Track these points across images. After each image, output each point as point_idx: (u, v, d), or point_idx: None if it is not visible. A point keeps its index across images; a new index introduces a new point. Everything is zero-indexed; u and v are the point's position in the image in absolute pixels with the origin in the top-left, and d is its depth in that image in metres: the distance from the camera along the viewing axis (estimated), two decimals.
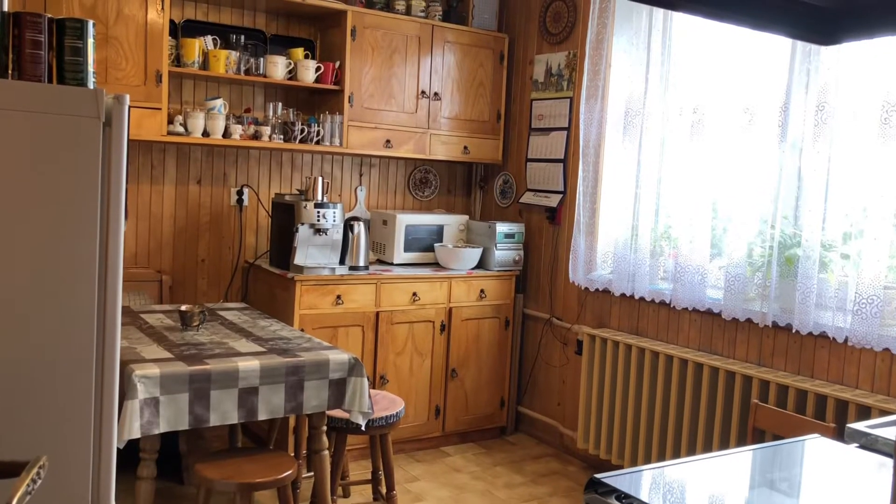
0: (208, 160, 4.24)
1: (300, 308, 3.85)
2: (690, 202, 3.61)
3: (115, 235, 1.71)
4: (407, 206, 4.89)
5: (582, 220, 4.12)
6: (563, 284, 4.37)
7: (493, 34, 4.64)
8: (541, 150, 4.53)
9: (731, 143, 3.44)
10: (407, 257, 4.46)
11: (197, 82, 4.13)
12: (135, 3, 3.61)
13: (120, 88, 3.60)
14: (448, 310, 4.31)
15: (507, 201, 4.83)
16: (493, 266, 4.45)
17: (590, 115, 4.07)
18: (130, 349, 2.78)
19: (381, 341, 4.10)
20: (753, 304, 3.40)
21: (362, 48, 4.20)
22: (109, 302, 1.72)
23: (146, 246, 4.10)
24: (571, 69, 4.33)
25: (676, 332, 3.76)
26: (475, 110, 4.64)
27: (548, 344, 4.51)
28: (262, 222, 4.41)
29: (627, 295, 3.92)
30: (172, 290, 4.14)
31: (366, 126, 4.26)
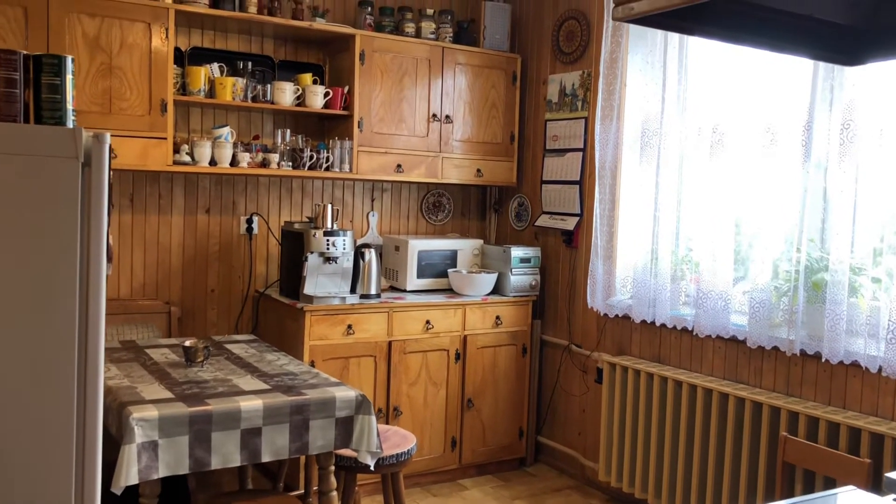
0: (217, 188, 4.17)
1: (310, 339, 3.76)
2: (711, 225, 3.48)
3: (95, 280, 1.62)
4: (420, 231, 4.79)
5: (599, 243, 3.99)
6: (582, 310, 4.24)
7: (505, 55, 4.54)
8: (556, 171, 4.42)
9: (753, 164, 3.31)
10: (420, 283, 4.35)
11: (204, 110, 4.07)
12: (139, 32, 3.56)
13: (124, 119, 3.55)
14: (463, 337, 4.19)
15: (522, 224, 4.71)
16: (508, 292, 4.33)
17: (605, 135, 3.96)
18: (131, 389, 2.69)
19: (394, 371, 3.99)
20: (780, 330, 3.25)
21: (371, 72, 4.13)
22: (91, 350, 1.63)
23: (154, 277, 4.04)
24: (586, 89, 4.22)
25: (700, 360, 3.61)
26: (488, 132, 4.54)
27: (567, 371, 4.37)
28: (272, 250, 4.33)
29: (648, 321, 3.78)
30: (181, 322, 4.06)
31: (376, 151, 4.18)
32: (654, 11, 1.21)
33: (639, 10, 1.22)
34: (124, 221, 3.95)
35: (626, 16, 1.24)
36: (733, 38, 1.42)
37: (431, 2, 4.65)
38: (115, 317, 3.86)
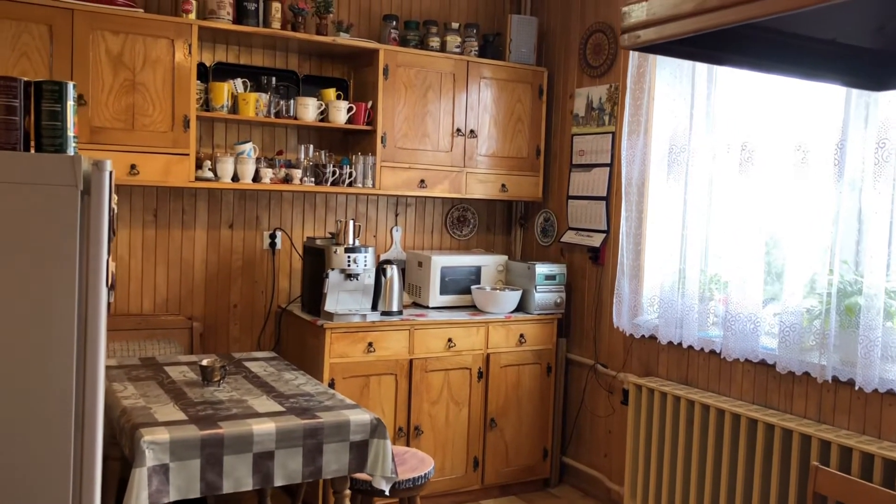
0: (240, 203, 4.16)
1: (330, 357, 3.72)
2: (741, 245, 3.37)
3: (94, 309, 1.59)
4: (444, 246, 4.74)
5: (626, 261, 3.90)
6: (608, 329, 4.15)
7: (531, 68, 4.48)
8: (582, 187, 4.34)
9: (784, 183, 3.21)
10: (443, 300, 4.29)
11: (228, 125, 4.07)
12: (162, 48, 3.57)
13: (147, 135, 3.55)
14: (486, 356, 4.12)
15: (548, 240, 4.64)
16: (533, 309, 4.25)
17: (632, 151, 3.87)
18: (145, 410, 2.67)
19: (416, 390, 3.93)
20: (811, 354, 3.13)
21: (395, 87, 4.09)
22: (90, 379, 1.60)
23: (177, 292, 4.04)
24: (613, 103, 4.14)
25: (728, 383, 3.50)
26: (513, 147, 4.48)
27: (592, 391, 4.28)
28: (295, 265, 4.31)
29: (675, 343, 3.68)
30: (203, 338, 4.06)
31: (399, 166, 4.14)
32: (662, 40, 1.15)
33: (645, 39, 1.16)
34: (147, 236, 3.96)
35: (632, 44, 1.18)
36: (753, 65, 1.35)
37: (457, 15, 4.61)
38: (138, 332, 3.87)
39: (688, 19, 1.09)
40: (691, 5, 1.09)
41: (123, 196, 3.89)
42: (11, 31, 3.29)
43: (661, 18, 1.13)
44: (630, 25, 1.18)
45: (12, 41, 3.29)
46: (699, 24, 1.08)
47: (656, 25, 1.14)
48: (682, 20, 1.10)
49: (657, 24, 1.14)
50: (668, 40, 1.14)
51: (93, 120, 3.45)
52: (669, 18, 1.12)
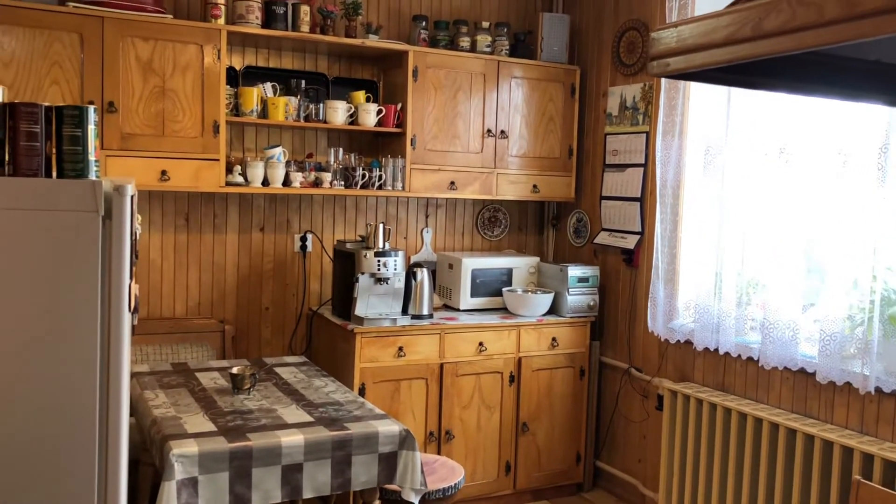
0: (271, 207, 4.16)
1: (361, 361, 3.71)
2: (779, 249, 3.28)
3: (117, 335, 1.58)
4: (476, 247, 4.70)
5: (661, 265, 3.82)
6: (642, 332, 4.08)
7: (563, 66, 4.41)
8: (616, 187, 4.26)
9: (824, 186, 3.11)
10: (474, 303, 4.25)
11: (258, 129, 4.07)
12: (192, 54, 3.57)
13: (177, 141, 3.56)
14: (517, 360, 4.08)
15: (581, 241, 4.57)
16: (565, 312, 4.19)
17: (667, 152, 3.78)
18: (175, 420, 2.68)
19: (446, 394, 3.91)
20: (853, 363, 3.03)
21: (424, 88, 4.05)
22: (112, 405, 1.60)
23: (209, 296, 4.05)
24: (647, 102, 4.05)
25: (766, 390, 3.42)
26: (545, 147, 4.41)
27: (626, 395, 4.21)
28: (326, 268, 4.30)
29: (711, 349, 3.60)
30: (235, 341, 4.07)
31: (429, 168, 4.10)
32: (693, 69, 1.09)
33: (675, 67, 1.11)
34: (180, 241, 3.98)
35: (662, 72, 1.13)
36: (790, 88, 1.28)
37: (487, 14, 4.54)
38: (171, 336, 3.89)
39: (720, 49, 1.03)
40: (723, 34, 1.03)
41: (155, 200, 3.91)
42: (43, 39, 3.31)
43: (692, 46, 1.08)
44: (659, 52, 1.13)
45: (44, 50, 3.32)
46: (732, 55, 1.02)
47: (687, 54, 1.08)
48: (713, 49, 1.04)
49: (687, 53, 1.08)
50: (698, 69, 1.08)
51: (123, 127, 3.47)
52: (700, 47, 1.06)
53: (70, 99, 3.38)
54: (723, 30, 1.03)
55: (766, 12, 0.97)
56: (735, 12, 1.03)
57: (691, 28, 1.08)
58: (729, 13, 1.04)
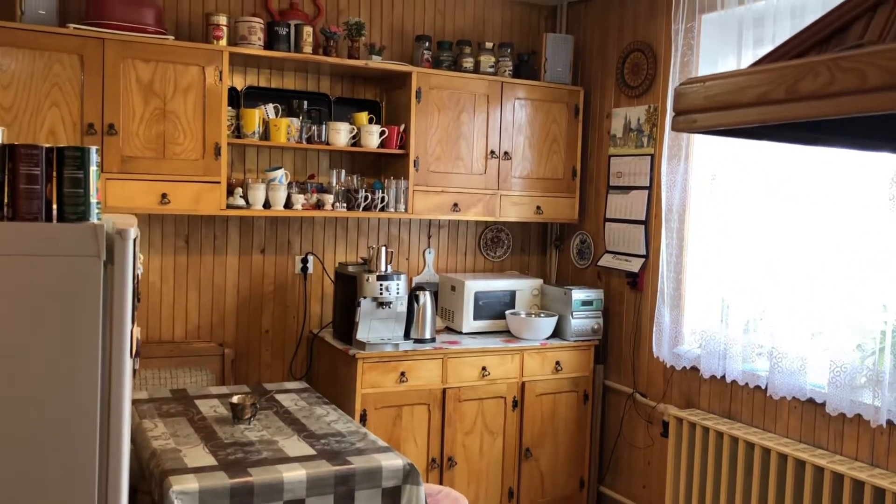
0: (272, 228, 4.12)
1: (362, 387, 3.66)
2: (787, 277, 3.24)
3: (118, 382, 1.53)
4: (478, 268, 4.65)
5: (666, 290, 3.78)
6: (647, 357, 4.03)
7: (566, 87, 4.37)
8: (620, 209, 4.22)
9: (833, 213, 3.07)
10: (477, 325, 4.21)
11: (259, 150, 4.02)
12: (193, 76, 3.53)
13: (178, 163, 3.52)
14: (521, 384, 4.03)
15: (584, 262, 4.52)
16: (569, 336, 4.15)
17: (672, 176, 3.75)
18: (175, 453, 2.63)
19: (449, 420, 3.85)
20: (863, 393, 2.99)
21: (427, 109, 4.01)
22: (113, 451, 1.55)
23: (209, 318, 4.00)
24: (652, 125, 4.02)
25: (774, 419, 3.37)
26: (549, 168, 4.37)
27: (631, 421, 4.16)
28: (327, 290, 4.25)
29: (718, 377, 3.55)
30: (235, 364, 4.02)
31: (432, 190, 4.06)
32: (722, 127, 1.05)
33: (703, 124, 1.07)
34: (179, 263, 3.93)
35: (688, 128, 1.09)
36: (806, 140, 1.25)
37: (491, 34, 4.51)
38: (170, 360, 3.84)
39: (751, 108, 0.99)
40: (754, 93, 0.99)
41: (154, 222, 3.86)
42: (43, 61, 3.27)
43: (721, 104, 1.04)
44: (685, 108, 1.09)
45: (44, 72, 3.28)
46: (764, 116, 0.98)
47: (715, 111, 1.04)
48: (744, 109, 1.00)
49: (716, 110, 1.04)
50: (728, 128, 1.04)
51: (123, 149, 3.42)
52: (730, 105, 1.02)
53: (70, 121, 3.34)
54: (754, 89, 0.99)
55: (802, 74, 0.93)
56: (766, 71, 0.99)
57: (720, 85, 1.04)
58: (759, 72, 1.00)
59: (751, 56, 3.40)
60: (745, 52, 3.41)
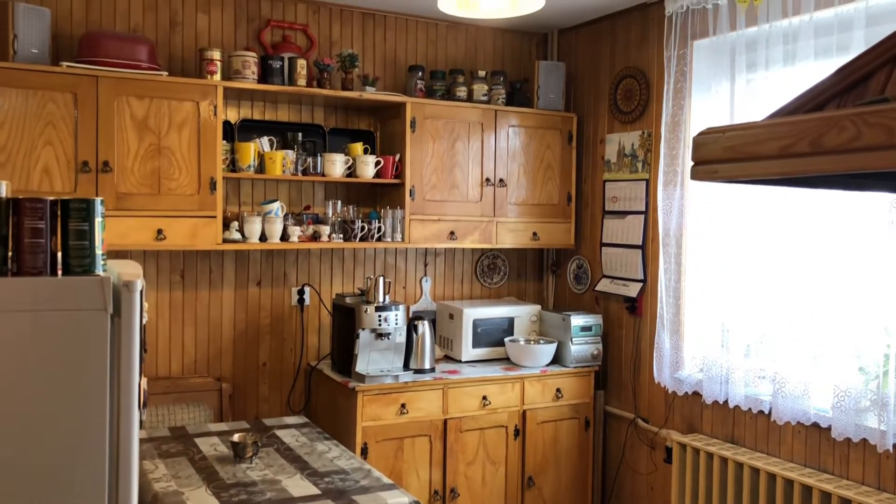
0: (268, 261, 4.09)
1: (362, 420, 3.62)
2: (787, 301, 3.24)
3: (126, 435, 1.51)
4: (475, 295, 4.64)
5: (665, 315, 3.77)
6: (648, 383, 4.02)
7: (560, 114, 4.39)
8: (616, 234, 4.23)
9: (833, 235, 3.08)
10: (476, 353, 4.19)
11: (255, 183, 4.01)
12: (187, 111, 3.52)
13: (174, 199, 3.50)
14: (522, 412, 4.00)
15: (581, 287, 4.52)
16: (569, 362, 4.13)
17: (668, 201, 3.75)
18: (177, 496, 2.59)
19: (450, 451, 3.82)
20: (868, 417, 2.98)
21: (422, 139, 4.02)
22: None
23: (205, 353, 3.96)
24: (646, 150, 4.03)
25: (778, 444, 3.36)
26: (544, 194, 4.38)
27: (633, 447, 4.14)
28: (324, 321, 4.22)
29: (721, 402, 3.54)
30: (233, 399, 3.98)
31: (428, 219, 4.05)
32: (745, 179, 1.05)
33: (724, 175, 1.06)
34: (175, 298, 3.89)
35: (709, 178, 1.08)
36: (809, 184, 1.25)
37: (483, 63, 4.53)
38: (166, 396, 3.80)
39: (774, 161, 0.99)
40: (777, 146, 0.99)
41: (150, 257, 3.83)
42: (37, 100, 3.25)
43: (741, 155, 1.03)
44: (704, 158, 1.09)
45: (38, 111, 3.26)
46: (788, 169, 0.98)
47: (736, 162, 1.04)
48: (767, 161, 1.00)
49: (737, 161, 1.04)
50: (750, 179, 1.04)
51: (118, 186, 3.40)
52: (751, 157, 1.02)
53: (64, 159, 3.31)
54: (776, 141, 0.99)
55: (826, 128, 0.92)
56: (788, 124, 0.99)
57: (740, 136, 1.04)
58: (781, 124, 1.00)
59: (744, 81, 3.43)
60: (739, 77, 3.43)
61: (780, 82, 3.25)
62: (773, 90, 3.30)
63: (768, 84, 3.33)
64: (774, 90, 3.29)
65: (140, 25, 3.76)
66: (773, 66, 3.27)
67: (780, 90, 3.25)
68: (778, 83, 3.26)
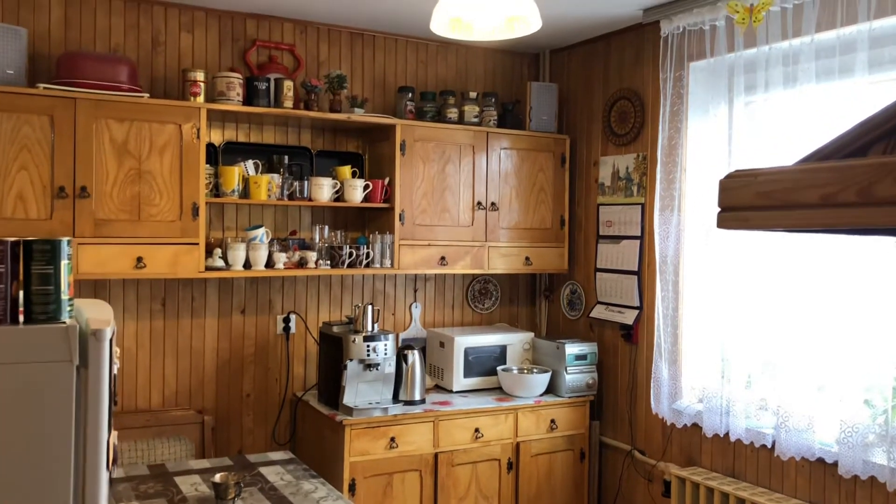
0: (252, 287, 3.96)
1: (350, 455, 3.48)
2: (790, 330, 3.14)
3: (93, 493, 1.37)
4: (466, 321, 4.51)
5: (663, 343, 3.66)
6: (645, 412, 3.90)
7: (552, 136, 4.29)
8: (611, 259, 4.12)
9: (838, 263, 2.98)
10: (467, 383, 4.06)
11: (239, 207, 3.88)
12: (169, 134, 3.39)
13: (154, 225, 3.37)
14: (515, 445, 3.87)
15: (575, 313, 4.40)
16: (563, 392, 4.01)
17: (665, 227, 3.65)
18: None
19: (442, 486, 3.68)
20: (875, 452, 2.87)
21: (412, 162, 3.91)
22: None
23: (187, 384, 3.82)
24: (641, 173, 3.94)
25: (781, 478, 3.24)
26: (536, 217, 4.27)
27: (630, 479, 4.02)
28: (310, 349, 4.09)
29: (721, 435, 3.42)
30: (216, 432, 3.83)
31: (418, 244, 3.93)
32: (778, 228, 0.94)
33: (757, 223, 0.95)
34: (156, 327, 3.75)
35: (740, 226, 0.97)
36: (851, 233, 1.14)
37: (474, 84, 4.44)
38: (146, 430, 3.64)
39: (816, 210, 0.88)
40: (818, 193, 0.88)
41: (129, 285, 3.69)
42: (11, 123, 3.12)
43: (778, 203, 0.92)
44: (734, 205, 0.97)
45: (12, 134, 3.13)
46: (833, 220, 0.86)
47: (772, 210, 0.93)
48: (807, 210, 0.89)
49: (773, 209, 0.92)
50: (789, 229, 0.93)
51: (97, 213, 3.27)
52: (789, 204, 0.91)
53: (39, 184, 3.18)
54: (818, 189, 0.88)
55: (877, 176, 0.81)
56: (830, 170, 0.88)
57: (775, 181, 0.93)
58: (821, 170, 0.89)
59: (742, 103, 3.34)
60: (737, 100, 3.34)
61: (780, 105, 3.17)
62: (773, 113, 3.21)
63: (768, 107, 3.25)
64: (774, 113, 3.21)
65: (121, 45, 3.64)
66: (773, 89, 3.18)
67: (780, 113, 3.17)
68: (778, 106, 3.18)
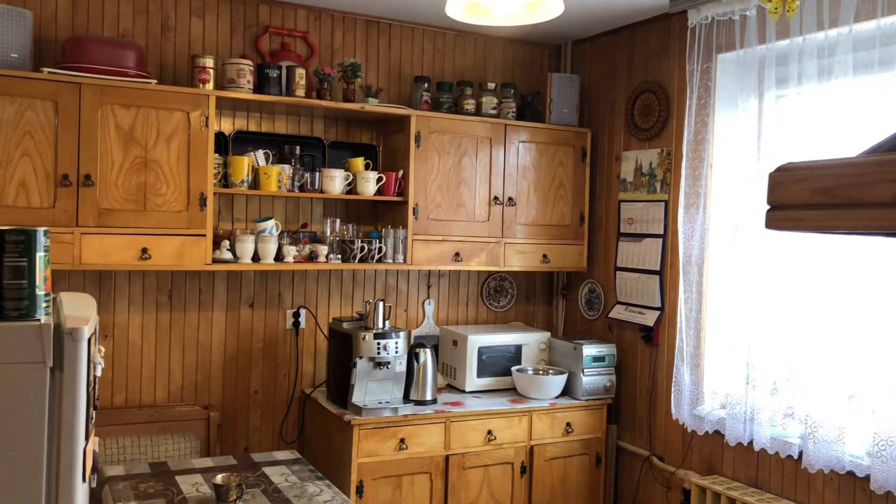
0: (262, 281, 3.85)
1: (358, 456, 3.37)
2: (820, 334, 2.98)
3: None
4: (480, 319, 4.39)
5: (685, 348, 3.52)
6: (664, 417, 3.76)
7: (573, 129, 4.15)
8: (632, 258, 3.98)
9: (869, 262, 2.82)
10: (480, 383, 3.93)
11: (248, 198, 3.78)
12: (177, 122, 3.29)
13: (160, 216, 3.27)
14: (529, 448, 3.74)
15: (594, 313, 4.26)
16: (580, 394, 3.87)
17: (690, 225, 3.50)
18: None
19: (452, 490, 3.56)
20: None
21: (427, 154, 3.78)
22: None
23: (193, 379, 3.72)
24: (665, 169, 3.79)
25: (808, 490, 3.09)
26: (555, 214, 4.13)
27: (647, 486, 3.88)
28: (320, 345, 3.98)
29: (745, 444, 3.28)
30: (221, 429, 3.73)
31: (432, 239, 3.81)
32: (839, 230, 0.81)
33: (814, 224, 0.82)
34: (162, 320, 3.66)
35: (792, 227, 0.84)
36: None
37: (493, 75, 4.30)
38: (150, 426, 3.55)
39: (887, 210, 0.74)
40: (888, 190, 0.74)
41: (135, 277, 3.60)
42: (13, 108, 3.03)
43: (838, 200, 0.78)
44: (785, 202, 0.84)
45: (15, 120, 3.03)
46: None
47: (831, 209, 0.79)
48: (875, 209, 0.75)
49: (832, 208, 0.79)
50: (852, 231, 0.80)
51: (101, 202, 3.17)
52: (853, 202, 0.77)
53: (43, 172, 3.09)
54: (888, 185, 0.74)
55: None
56: None
57: (835, 176, 0.79)
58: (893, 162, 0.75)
59: (773, 97, 3.18)
60: (768, 94, 3.18)
61: (814, 100, 3.01)
62: (806, 108, 3.06)
63: (801, 101, 3.09)
64: (807, 108, 3.05)
65: (129, 30, 3.54)
66: (807, 82, 3.02)
67: (813, 108, 3.01)
68: (812, 101, 3.02)
